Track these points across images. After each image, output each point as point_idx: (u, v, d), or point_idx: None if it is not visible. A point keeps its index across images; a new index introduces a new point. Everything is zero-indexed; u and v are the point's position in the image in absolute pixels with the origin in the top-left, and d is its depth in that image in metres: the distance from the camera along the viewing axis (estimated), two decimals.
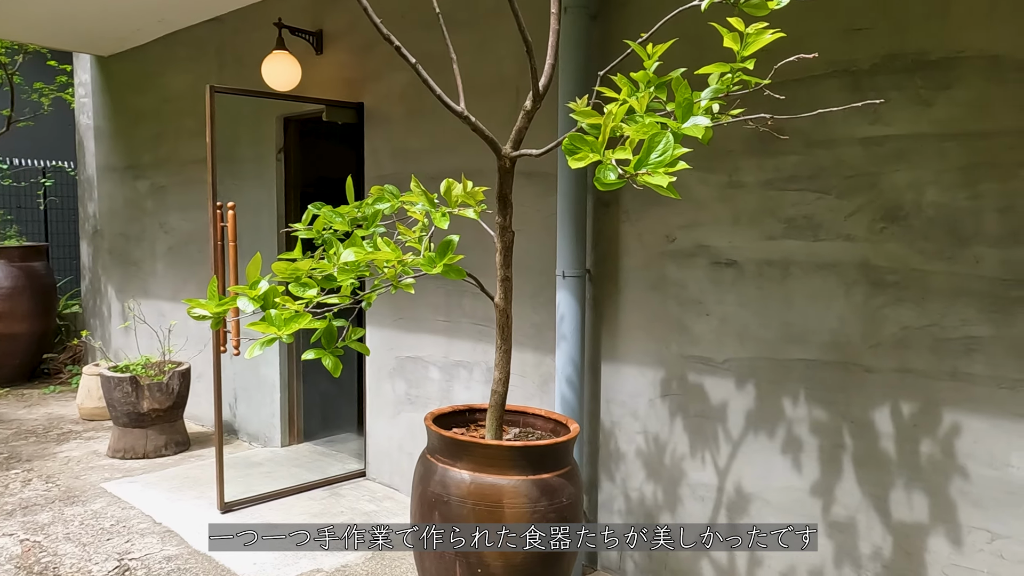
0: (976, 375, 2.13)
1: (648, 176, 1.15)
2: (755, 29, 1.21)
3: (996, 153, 2.07)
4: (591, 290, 2.95)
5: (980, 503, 2.14)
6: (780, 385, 2.49)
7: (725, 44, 1.24)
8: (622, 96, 1.52)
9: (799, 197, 2.42)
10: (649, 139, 1.18)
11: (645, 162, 1.18)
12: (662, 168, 1.16)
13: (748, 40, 1.22)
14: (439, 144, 3.49)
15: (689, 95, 1.26)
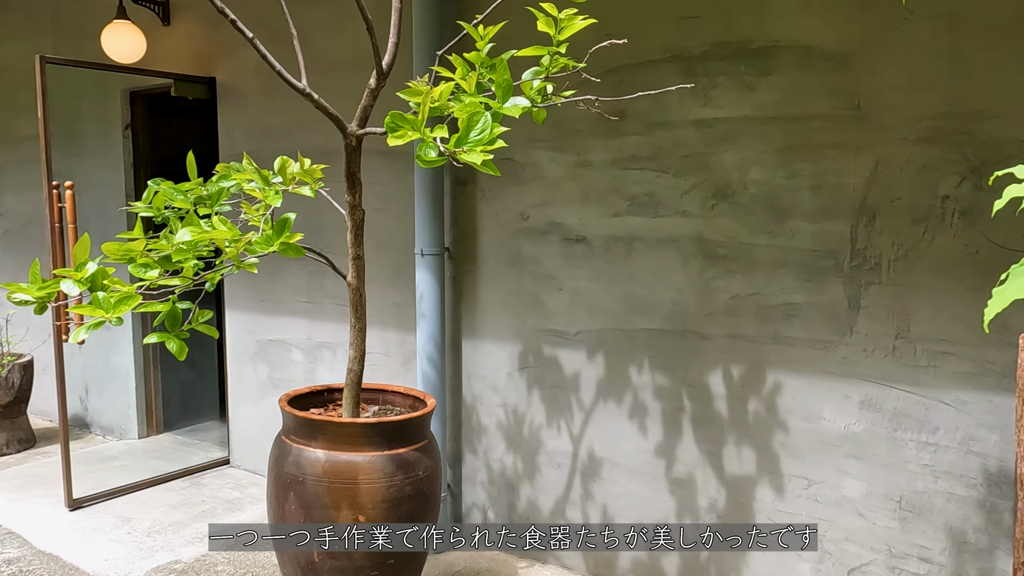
0: (794, 338, 2.34)
1: (465, 154, 1.20)
2: (567, 15, 1.28)
3: (808, 135, 2.27)
4: (450, 268, 3.00)
5: (798, 453, 2.36)
6: (627, 354, 2.64)
7: (539, 28, 1.31)
8: (457, 76, 1.56)
9: (641, 176, 2.56)
10: (468, 118, 1.23)
11: (465, 140, 1.23)
12: (480, 146, 1.21)
13: (562, 25, 1.29)
14: (298, 122, 3.42)
15: (508, 76, 1.31)
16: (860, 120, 2.19)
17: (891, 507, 2.23)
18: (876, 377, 2.22)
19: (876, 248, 2.20)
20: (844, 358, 2.27)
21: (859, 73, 2.18)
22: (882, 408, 2.22)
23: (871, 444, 2.24)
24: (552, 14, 1.29)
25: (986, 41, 2.02)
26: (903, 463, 2.20)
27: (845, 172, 2.22)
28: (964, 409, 2.11)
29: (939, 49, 2.07)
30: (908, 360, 2.18)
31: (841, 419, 2.28)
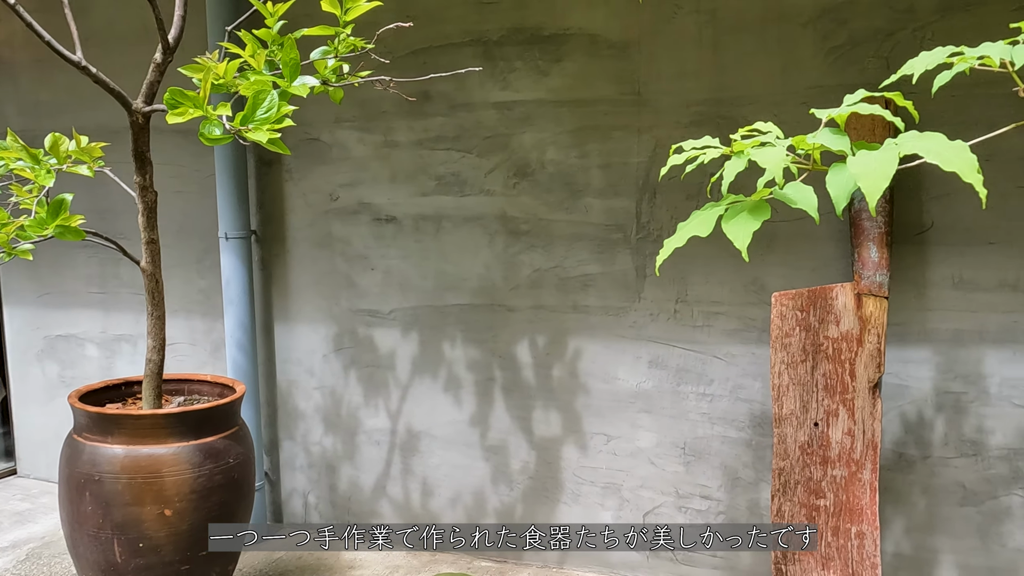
0: (591, 306, 2.53)
1: (251, 132, 1.20)
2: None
3: (597, 118, 2.45)
4: (259, 251, 2.92)
5: (598, 412, 2.56)
6: (440, 330, 2.72)
7: (324, 8, 1.33)
8: (247, 53, 1.54)
9: (447, 156, 2.64)
10: (253, 96, 1.23)
11: (251, 118, 1.23)
12: (267, 124, 1.22)
13: (347, 6, 1.32)
14: (81, 98, 3.15)
15: (295, 55, 1.32)
16: (640, 105, 2.40)
17: (677, 453, 2.49)
18: (661, 338, 2.46)
19: (658, 222, 2.43)
20: (634, 323, 2.49)
21: (638, 62, 2.38)
22: (667, 366, 2.47)
23: (659, 399, 2.49)
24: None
25: (740, 36, 2.28)
26: (686, 413, 2.46)
27: (629, 152, 2.43)
28: (733, 362, 2.40)
29: (703, 42, 2.32)
30: (687, 321, 2.43)
31: (633, 378, 2.51)
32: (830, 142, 1.01)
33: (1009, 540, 2.20)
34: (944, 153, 0.90)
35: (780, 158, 0.97)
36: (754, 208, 0.99)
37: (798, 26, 2.23)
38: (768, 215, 0.99)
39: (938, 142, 0.92)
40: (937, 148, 0.91)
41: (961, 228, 2.16)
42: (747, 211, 0.99)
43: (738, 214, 1.00)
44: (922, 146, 0.92)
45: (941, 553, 2.26)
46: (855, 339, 2.07)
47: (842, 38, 2.20)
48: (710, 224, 1.02)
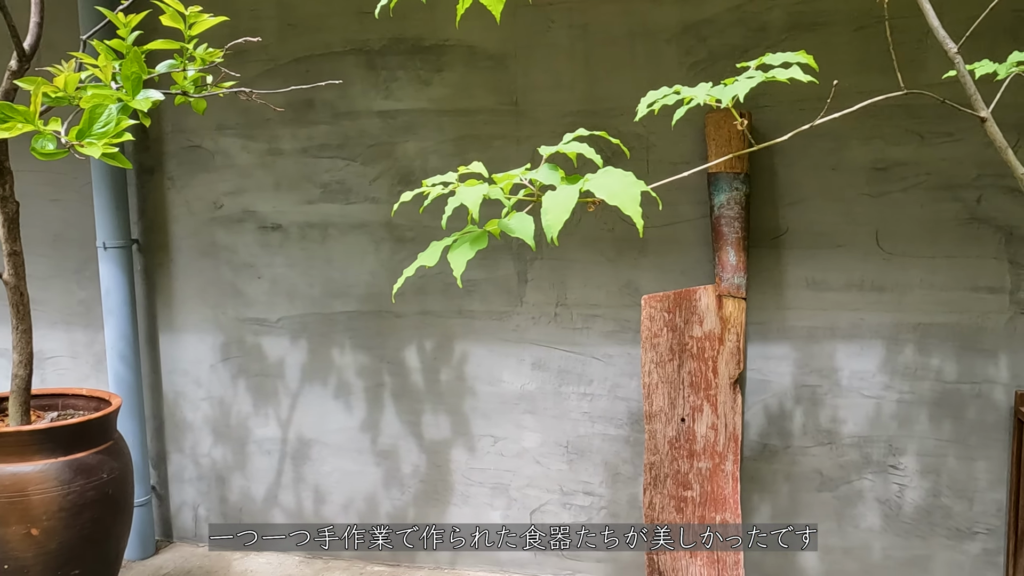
0: (476, 311, 2.59)
1: (85, 148, 1.20)
2: (193, 12, 1.32)
3: (477, 127, 2.51)
4: (142, 260, 2.86)
5: (485, 415, 2.62)
6: (328, 337, 2.73)
7: (165, 23, 1.33)
8: (100, 63, 1.52)
9: (331, 164, 2.65)
10: (90, 110, 1.23)
11: (88, 132, 1.22)
12: (105, 139, 1.21)
13: (190, 20, 1.33)
14: None
15: (136, 68, 1.32)
16: (518, 115, 2.47)
17: (561, 452, 2.57)
18: (543, 341, 2.54)
19: (538, 228, 2.50)
20: (517, 326, 2.56)
21: (515, 73, 2.46)
22: (549, 367, 2.55)
23: (542, 399, 2.56)
24: (179, 10, 1.32)
25: (611, 49, 2.38)
26: (568, 413, 2.55)
27: (509, 161, 2.49)
28: (611, 362, 2.49)
29: (576, 55, 2.41)
30: (567, 324, 2.52)
31: (518, 380, 2.58)
32: (545, 177, 1.13)
33: (861, 521, 2.37)
34: (613, 188, 1.02)
35: (478, 196, 1.09)
36: (475, 239, 1.11)
37: (663, 42, 2.35)
38: (485, 244, 1.11)
39: (613, 179, 1.04)
40: (609, 184, 1.03)
41: (813, 232, 2.32)
42: (469, 242, 1.11)
43: (461, 245, 1.11)
44: (599, 183, 1.04)
45: None
46: (717, 338, 2.19)
47: (702, 54, 2.32)
48: (436, 255, 1.15)
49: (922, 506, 2.33)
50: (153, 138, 2.79)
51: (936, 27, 0.95)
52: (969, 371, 2.26)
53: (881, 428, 2.33)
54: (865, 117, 2.23)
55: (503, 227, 1.11)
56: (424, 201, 1.27)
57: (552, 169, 1.15)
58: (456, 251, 1.10)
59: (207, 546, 2.93)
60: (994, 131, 0.96)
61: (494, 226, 1.11)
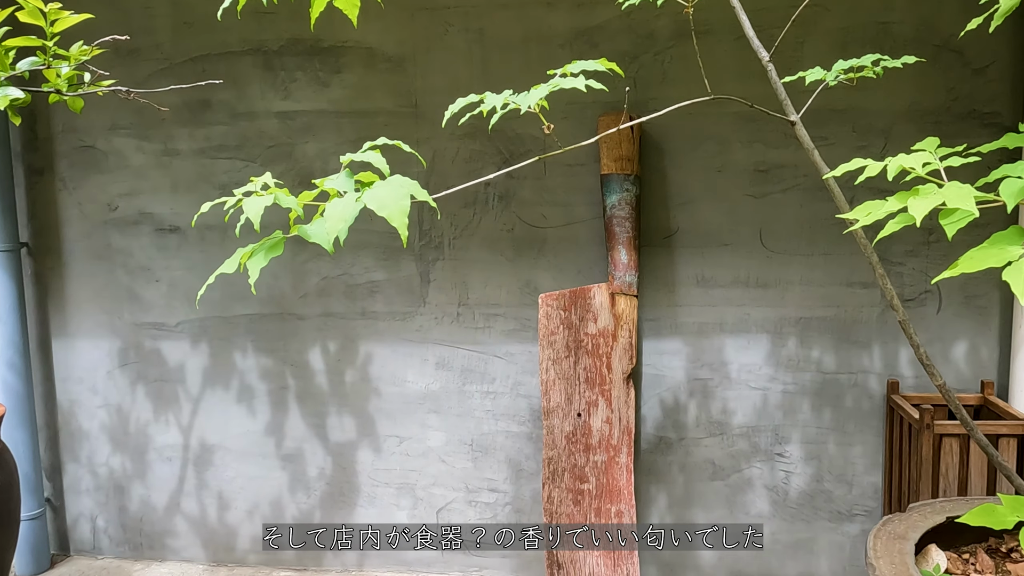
0: (379, 312, 2.59)
1: None
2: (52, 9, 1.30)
3: (377, 129, 2.52)
4: (31, 264, 2.76)
5: (391, 415, 2.63)
6: (230, 341, 2.69)
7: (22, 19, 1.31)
8: None
9: (230, 165, 2.61)
10: None
11: None
12: None
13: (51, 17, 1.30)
14: None
15: None
16: (417, 117, 2.49)
17: (465, 450, 2.60)
18: (446, 340, 2.57)
19: (439, 229, 2.53)
20: (420, 326, 2.58)
21: (413, 75, 2.48)
22: (453, 367, 2.58)
23: (446, 399, 2.59)
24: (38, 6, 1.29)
25: (506, 54, 2.43)
26: (472, 411, 2.58)
27: (409, 162, 2.50)
28: (512, 360, 2.54)
29: (473, 58, 2.44)
30: (469, 323, 2.55)
31: (422, 380, 2.60)
32: (341, 185, 1.16)
33: (751, 508, 2.48)
34: (384, 200, 1.08)
35: (260, 208, 1.14)
36: (271, 247, 1.16)
37: (556, 46, 2.41)
38: (280, 252, 1.17)
39: (387, 190, 1.09)
40: (382, 196, 1.09)
41: (701, 232, 2.42)
42: (265, 250, 1.16)
43: (260, 252, 1.15)
44: (372, 195, 1.09)
45: (697, 524, 2.51)
46: (611, 335, 2.26)
47: (595, 58, 2.39)
48: (235, 262, 1.19)
49: (806, 491, 2.45)
50: (43, 138, 2.69)
51: (751, 36, 1.02)
52: (846, 362, 2.39)
53: (768, 418, 2.44)
54: (746, 121, 2.35)
55: (300, 233, 1.15)
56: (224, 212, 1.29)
57: (348, 177, 1.18)
58: (253, 258, 1.14)
59: (106, 558, 2.84)
60: (802, 134, 1.04)
61: (290, 234, 1.17)
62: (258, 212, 1.13)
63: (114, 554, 2.85)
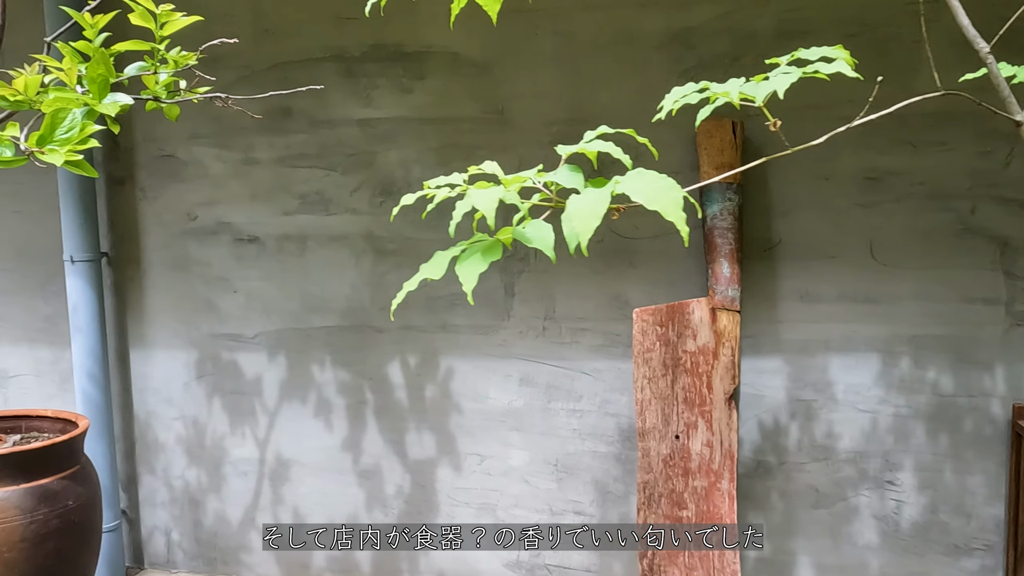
0: (460, 325, 2.50)
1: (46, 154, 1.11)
2: (164, 11, 1.24)
3: (461, 136, 2.43)
4: (112, 275, 2.74)
5: (471, 432, 2.54)
6: (307, 353, 2.63)
7: (134, 22, 1.25)
8: (65, 66, 1.43)
9: (310, 174, 2.56)
10: (52, 114, 1.14)
11: (50, 139, 1.13)
12: (68, 145, 1.13)
13: (162, 20, 1.25)
14: None
15: (103, 71, 1.24)
16: (503, 124, 2.40)
17: (549, 470, 2.49)
18: (531, 355, 2.46)
19: None
20: (504, 341, 2.48)
21: (499, 80, 2.39)
22: (537, 383, 2.47)
23: (529, 416, 2.48)
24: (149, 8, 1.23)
25: (597, 57, 2.32)
26: (556, 430, 2.47)
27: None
28: (600, 377, 2.42)
29: (562, 62, 2.34)
30: (555, 338, 2.44)
31: (504, 396, 2.50)
32: (566, 180, 1.00)
33: (858, 538, 2.32)
34: (651, 192, 0.90)
35: (494, 199, 0.95)
36: (487, 249, 0.97)
37: (651, 49, 2.29)
38: (499, 255, 0.97)
39: (648, 181, 0.92)
40: (645, 187, 0.91)
41: (805, 244, 2.27)
42: (480, 252, 0.97)
43: (471, 256, 0.97)
44: (633, 186, 0.91)
45: (798, 555, 2.35)
46: (711, 352, 2.13)
47: (691, 61, 2.27)
48: (443, 266, 1.00)
49: (919, 522, 2.28)
50: (124, 147, 2.68)
51: (966, 25, 0.89)
52: (965, 384, 2.22)
53: (877, 443, 2.28)
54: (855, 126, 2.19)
55: (518, 236, 0.96)
56: (427, 206, 1.12)
57: (573, 171, 1.01)
58: (465, 263, 0.96)
59: (180, 572, 2.81)
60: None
61: (508, 234, 0.97)
62: (491, 205, 0.94)
63: (188, 568, 2.81)
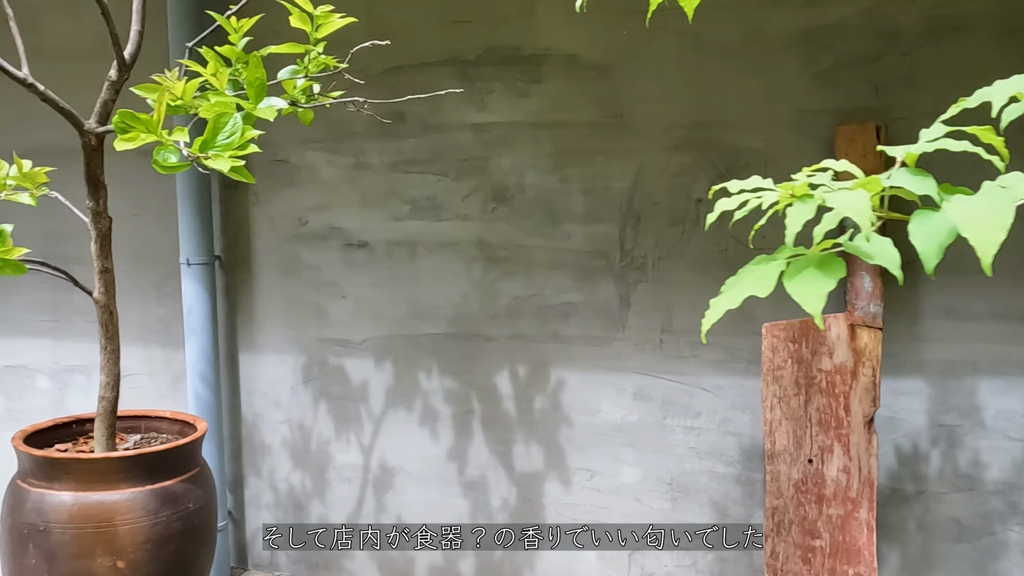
0: (572, 336, 2.43)
1: (211, 160, 1.09)
2: (323, 12, 1.21)
3: (577, 141, 2.36)
4: (223, 278, 2.78)
5: (581, 447, 2.46)
6: (414, 360, 2.60)
7: (293, 24, 1.22)
8: (208, 71, 1.42)
9: (421, 179, 2.53)
10: (215, 119, 1.12)
11: (212, 144, 1.11)
12: (230, 151, 1.10)
13: (318, 22, 1.22)
14: (24, 115, 2.98)
15: (261, 75, 1.21)
16: (622, 128, 2.32)
17: (663, 489, 2.39)
18: (646, 369, 2.37)
19: (642, 248, 2.34)
20: (618, 353, 2.39)
21: (619, 83, 2.30)
22: (652, 398, 2.37)
23: (643, 432, 2.39)
24: (307, 10, 1.21)
25: (724, 58, 2.22)
26: (672, 447, 2.37)
27: (612, 177, 2.34)
28: (720, 394, 2.31)
29: (686, 64, 2.25)
30: (672, 351, 2.34)
31: (617, 411, 2.41)
32: (912, 184, 0.83)
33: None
34: (979, 213, 0.73)
35: (866, 204, 0.80)
36: (822, 263, 0.80)
37: (782, 49, 2.17)
38: (844, 272, 0.81)
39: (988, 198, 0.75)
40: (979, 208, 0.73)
41: (952, 256, 2.09)
42: (814, 267, 0.80)
43: (802, 271, 0.80)
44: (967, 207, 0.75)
45: None
46: (849, 372, 2.00)
47: (827, 62, 2.14)
48: (770, 282, 0.83)
49: None
50: None
51: None
52: None
53: None
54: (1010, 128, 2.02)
55: (852, 249, 0.81)
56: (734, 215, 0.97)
57: (919, 175, 0.85)
58: (798, 280, 0.80)
59: (283, 574, 2.81)
60: None
61: (831, 247, 0.82)
62: (864, 212, 0.80)
63: (291, 571, 2.82)
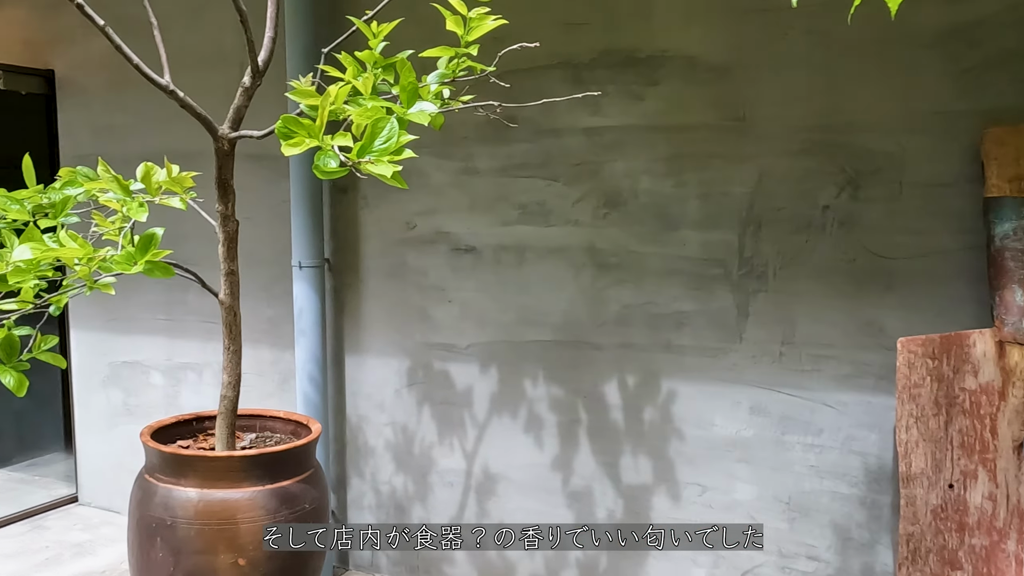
0: (685, 346, 2.35)
1: (371, 165, 1.08)
2: (478, 14, 1.19)
3: (694, 145, 2.29)
4: (331, 280, 2.82)
5: (692, 461, 2.38)
6: (519, 367, 2.57)
7: (448, 27, 1.21)
8: (348, 77, 1.43)
9: (530, 184, 2.50)
10: (372, 124, 1.11)
11: (369, 149, 1.11)
12: (387, 156, 1.09)
13: (471, 24, 1.20)
14: (150, 121, 3.11)
15: (414, 79, 1.20)
16: (743, 131, 2.23)
17: (780, 508, 2.28)
18: (764, 383, 2.27)
19: (762, 256, 2.25)
20: (734, 365, 2.30)
21: (741, 84, 2.22)
22: (770, 413, 2.28)
23: (760, 448, 2.29)
24: (461, 12, 1.19)
25: (856, 58, 2.11)
26: (790, 465, 2.26)
27: (731, 182, 2.26)
28: (845, 410, 2.19)
29: (814, 64, 2.15)
30: (793, 365, 2.24)
31: (732, 425, 2.32)
32: None
33: None
34: None
35: None
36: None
37: (922, 48, 2.05)
38: None
39: None
40: None
41: None
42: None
43: None
44: None
45: None
46: (996, 392, 1.86)
47: (974, 60, 2.01)
48: None
49: None
50: None
51: None
52: None
53: None
54: None
55: None
56: None
57: None
58: None
59: (384, 574, 2.83)
60: None
61: None
62: None
63: (391, 573, 2.83)
